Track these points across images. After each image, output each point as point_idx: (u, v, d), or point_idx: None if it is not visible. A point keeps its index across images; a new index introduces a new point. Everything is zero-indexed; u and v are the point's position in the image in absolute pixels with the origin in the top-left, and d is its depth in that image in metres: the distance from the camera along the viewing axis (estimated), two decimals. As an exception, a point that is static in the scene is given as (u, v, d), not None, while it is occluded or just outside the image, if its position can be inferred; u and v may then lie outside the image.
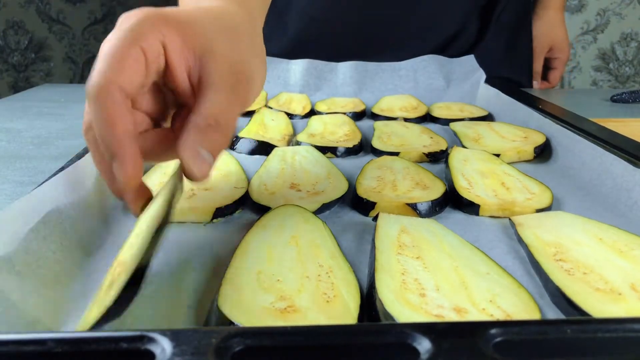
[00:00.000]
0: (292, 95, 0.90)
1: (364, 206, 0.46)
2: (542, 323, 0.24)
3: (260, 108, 0.78)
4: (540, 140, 0.62)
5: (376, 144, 0.64)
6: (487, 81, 0.91)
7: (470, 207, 0.46)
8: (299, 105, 0.84)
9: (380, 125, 0.72)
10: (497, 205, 0.46)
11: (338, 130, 0.70)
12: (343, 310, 0.30)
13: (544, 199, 0.47)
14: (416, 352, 0.22)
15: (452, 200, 0.48)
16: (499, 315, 0.30)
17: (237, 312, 0.29)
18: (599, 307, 0.30)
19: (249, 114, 0.77)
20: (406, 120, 0.77)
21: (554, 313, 0.32)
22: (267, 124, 0.72)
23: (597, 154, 0.52)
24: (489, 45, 0.99)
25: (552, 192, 0.48)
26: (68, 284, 0.34)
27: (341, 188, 0.49)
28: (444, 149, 0.62)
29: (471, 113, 0.80)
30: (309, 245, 0.37)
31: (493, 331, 0.22)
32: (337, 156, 0.62)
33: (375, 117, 0.81)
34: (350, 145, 0.63)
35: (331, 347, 0.22)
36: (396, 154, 0.60)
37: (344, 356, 0.22)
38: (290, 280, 0.33)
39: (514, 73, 1.02)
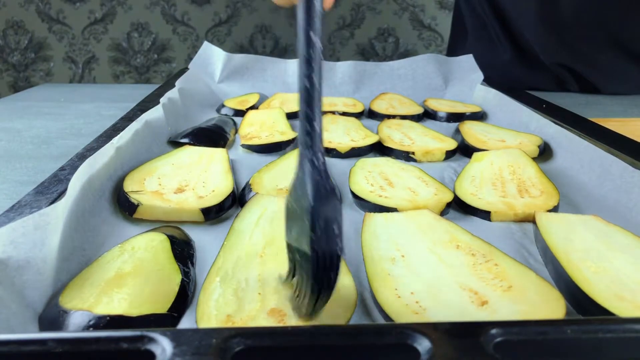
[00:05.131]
0: (285, 96, 0.90)
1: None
2: (542, 323, 0.24)
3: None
4: (536, 141, 0.62)
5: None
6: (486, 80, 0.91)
7: (482, 214, 0.46)
8: (297, 104, 0.84)
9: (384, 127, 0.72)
10: (506, 211, 0.46)
11: (355, 133, 0.69)
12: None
13: (550, 201, 0.47)
14: (416, 352, 0.22)
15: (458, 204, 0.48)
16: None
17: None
18: (622, 307, 0.30)
19: (241, 113, 0.78)
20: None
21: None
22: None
23: (597, 154, 0.52)
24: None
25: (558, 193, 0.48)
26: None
27: None
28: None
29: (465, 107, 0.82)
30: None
31: (493, 331, 0.22)
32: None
33: (374, 115, 0.81)
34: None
35: (332, 348, 0.22)
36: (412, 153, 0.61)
37: (345, 356, 0.22)
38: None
39: None
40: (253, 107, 0.82)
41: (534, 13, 1.01)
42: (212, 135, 0.65)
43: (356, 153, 0.62)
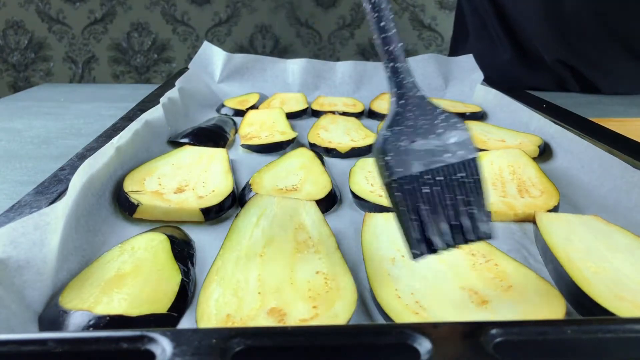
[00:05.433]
0: (285, 96, 0.90)
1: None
2: (542, 323, 0.24)
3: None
4: (537, 141, 0.62)
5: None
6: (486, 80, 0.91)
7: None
8: (297, 104, 0.84)
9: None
10: (506, 211, 0.45)
11: (355, 133, 0.69)
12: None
13: (550, 201, 0.47)
14: (416, 353, 0.22)
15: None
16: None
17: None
18: (622, 307, 0.30)
19: (241, 113, 0.78)
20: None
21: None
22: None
23: (597, 154, 0.52)
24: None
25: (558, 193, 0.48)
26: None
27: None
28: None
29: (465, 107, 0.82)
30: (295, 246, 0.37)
31: (493, 331, 0.22)
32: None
33: (374, 115, 0.81)
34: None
35: (332, 348, 0.22)
36: None
37: (345, 356, 0.22)
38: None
39: None
40: (253, 107, 0.82)
41: (536, 10, 1.01)
42: (212, 135, 0.65)
43: (356, 153, 0.62)
